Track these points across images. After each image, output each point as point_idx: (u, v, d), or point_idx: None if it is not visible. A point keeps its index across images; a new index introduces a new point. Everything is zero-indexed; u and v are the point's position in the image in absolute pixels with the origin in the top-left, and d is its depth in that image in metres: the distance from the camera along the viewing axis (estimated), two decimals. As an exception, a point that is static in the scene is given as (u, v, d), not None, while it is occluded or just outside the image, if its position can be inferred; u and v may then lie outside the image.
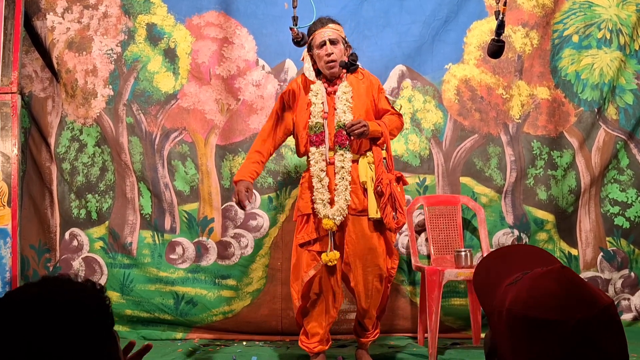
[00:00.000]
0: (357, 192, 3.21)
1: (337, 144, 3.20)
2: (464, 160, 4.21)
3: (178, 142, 4.17)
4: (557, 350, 1.02)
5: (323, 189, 3.17)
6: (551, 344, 1.03)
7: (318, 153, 3.20)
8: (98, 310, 1.09)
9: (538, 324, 1.04)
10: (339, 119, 3.20)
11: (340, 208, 3.13)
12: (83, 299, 1.07)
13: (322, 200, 3.15)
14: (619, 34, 4.27)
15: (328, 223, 3.13)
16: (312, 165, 3.20)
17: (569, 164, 4.27)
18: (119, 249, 4.14)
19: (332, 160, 3.21)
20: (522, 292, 1.07)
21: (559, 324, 1.02)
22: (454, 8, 4.25)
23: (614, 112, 4.30)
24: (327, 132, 3.21)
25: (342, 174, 3.17)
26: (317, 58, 3.28)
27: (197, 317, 4.11)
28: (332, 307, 3.26)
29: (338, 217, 3.14)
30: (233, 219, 4.16)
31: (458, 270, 3.55)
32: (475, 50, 4.25)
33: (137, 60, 4.18)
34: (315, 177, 3.18)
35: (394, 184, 3.18)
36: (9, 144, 3.82)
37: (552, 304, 1.04)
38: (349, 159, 3.20)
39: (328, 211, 3.13)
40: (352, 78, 3.30)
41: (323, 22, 3.26)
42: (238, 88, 4.19)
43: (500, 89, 4.25)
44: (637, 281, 4.29)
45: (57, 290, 1.07)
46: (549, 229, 4.25)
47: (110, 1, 4.18)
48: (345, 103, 3.22)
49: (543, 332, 1.04)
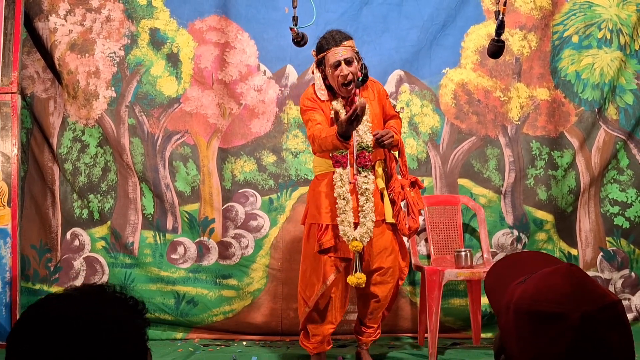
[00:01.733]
0: (376, 202, 3.13)
1: (361, 165, 3.09)
2: (461, 162, 4.15)
3: (180, 144, 4.11)
4: (562, 343, 0.99)
5: (349, 211, 3.05)
6: (556, 338, 0.99)
7: (345, 174, 3.08)
8: (137, 332, 1.00)
9: (544, 317, 1.00)
10: (360, 140, 3.09)
11: (368, 229, 3.03)
12: (126, 320, 0.99)
13: (349, 223, 3.03)
14: (619, 33, 4.19)
15: (358, 245, 3.01)
16: (339, 187, 3.07)
17: (569, 164, 4.18)
18: (120, 248, 4.07)
19: (354, 180, 3.10)
20: (530, 288, 1.05)
21: (564, 317, 0.99)
22: (452, 12, 4.18)
23: (614, 112, 4.21)
24: (348, 153, 3.09)
25: (367, 196, 3.06)
26: (330, 77, 3.11)
27: (197, 317, 4.03)
28: (339, 312, 3.18)
29: (366, 239, 3.04)
30: (234, 220, 4.09)
31: (458, 270, 3.47)
32: (473, 54, 4.19)
33: (140, 64, 4.12)
34: (343, 198, 3.05)
35: (408, 188, 3.11)
36: (9, 144, 3.73)
37: (558, 298, 1.01)
38: (372, 180, 3.09)
39: (355, 233, 3.03)
40: (363, 92, 3.19)
41: (336, 39, 3.07)
42: (240, 93, 4.13)
43: (498, 91, 4.18)
44: (638, 281, 4.18)
45: (99, 308, 0.98)
46: (548, 229, 4.16)
47: (113, 5, 4.11)
48: (365, 124, 3.09)
49: (548, 326, 1.01)
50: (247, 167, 4.10)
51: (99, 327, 0.95)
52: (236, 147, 4.12)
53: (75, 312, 0.96)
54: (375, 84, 3.27)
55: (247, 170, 4.10)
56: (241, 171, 4.09)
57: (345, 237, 3.02)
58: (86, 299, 1.00)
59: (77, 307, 0.97)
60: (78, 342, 0.93)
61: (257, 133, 4.11)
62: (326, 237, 3.10)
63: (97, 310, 0.97)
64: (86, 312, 0.96)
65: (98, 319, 0.96)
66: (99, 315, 0.96)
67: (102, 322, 0.96)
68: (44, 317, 0.96)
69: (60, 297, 1.00)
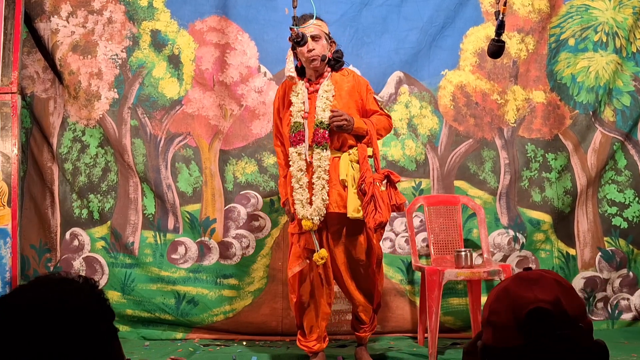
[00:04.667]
0: (337, 190, 2.98)
1: (315, 143, 2.98)
2: (458, 165, 4.05)
3: (182, 146, 4.00)
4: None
5: (301, 189, 2.97)
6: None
7: (296, 153, 3.00)
8: (95, 307, 1.01)
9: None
10: (317, 118, 2.99)
11: (317, 208, 2.93)
12: (79, 299, 0.99)
13: (301, 201, 2.95)
14: (615, 37, 4.08)
15: (307, 224, 2.94)
16: (291, 165, 3.00)
17: (564, 166, 4.07)
18: (120, 248, 3.93)
19: (311, 160, 2.99)
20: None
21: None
22: (451, 14, 4.08)
23: (610, 114, 4.10)
24: (307, 131, 3.00)
25: (318, 173, 2.95)
26: (300, 55, 3.05)
27: (197, 317, 3.89)
28: (325, 303, 3.07)
29: (316, 217, 2.93)
30: (235, 220, 3.97)
31: (458, 270, 3.36)
32: (471, 56, 4.08)
33: (142, 66, 4.00)
34: (294, 176, 2.98)
35: (377, 183, 2.95)
36: (9, 144, 3.61)
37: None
38: (327, 157, 2.97)
39: (306, 212, 2.93)
40: (337, 77, 3.09)
41: (305, 18, 3.01)
42: (241, 94, 4.02)
43: (495, 94, 4.08)
44: (636, 281, 4.06)
45: (51, 292, 0.99)
46: (546, 229, 4.04)
47: (114, 7, 3.99)
48: (325, 101, 3.00)
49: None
50: (249, 168, 4.00)
51: (63, 316, 0.96)
52: (237, 149, 4.02)
53: (30, 300, 0.97)
54: (356, 77, 3.15)
55: (249, 172, 3.99)
56: (243, 173, 3.99)
57: (300, 216, 2.95)
58: (42, 287, 1.00)
59: (32, 296, 0.98)
60: (42, 330, 0.94)
61: (258, 134, 4.02)
62: (293, 224, 3.06)
63: (51, 294, 0.98)
64: (41, 298, 0.97)
65: (53, 301, 0.97)
66: (53, 298, 0.97)
67: (68, 310, 0.96)
68: (8, 307, 0.98)
69: (20, 288, 1.01)
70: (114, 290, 3.87)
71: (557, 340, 1.04)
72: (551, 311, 1.04)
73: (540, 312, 1.04)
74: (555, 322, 1.05)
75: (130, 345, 3.64)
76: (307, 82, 3.09)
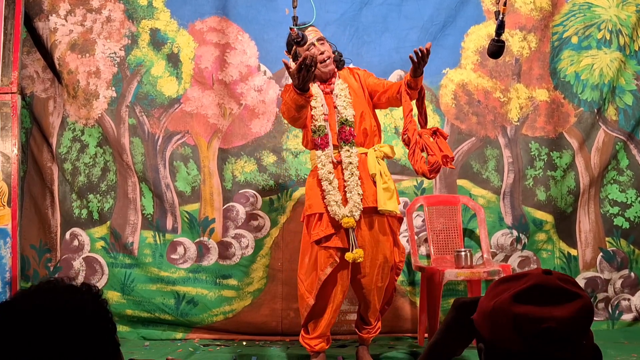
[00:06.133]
0: (368, 186, 2.98)
1: (342, 140, 2.99)
2: (461, 163, 3.98)
3: (180, 145, 3.95)
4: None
5: (334, 190, 2.95)
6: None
7: (324, 156, 2.98)
8: (98, 317, 1.00)
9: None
10: (340, 116, 3.01)
11: (355, 203, 2.92)
12: (82, 307, 0.98)
13: (336, 202, 2.92)
14: (619, 34, 4.01)
15: (349, 221, 2.89)
16: (320, 168, 2.98)
17: (569, 164, 4.01)
18: (120, 248, 3.90)
19: (338, 159, 2.99)
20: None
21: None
22: (452, 13, 4.01)
23: (613, 112, 4.03)
24: (330, 133, 3.01)
25: (350, 170, 2.96)
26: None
27: (197, 317, 3.85)
28: (339, 303, 3.04)
29: (356, 212, 2.91)
30: (234, 220, 3.93)
31: (458, 270, 3.33)
32: (473, 55, 4.02)
33: (141, 65, 3.95)
34: (325, 179, 2.96)
35: (426, 135, 2.91)
36: (9, 144, 3.56)
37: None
38: (355, 153, 2.98)
39: (344, 210, 2.91)
40: (343, 75, 3.12)
41: (301, 28, 2.96)
42: (240, 93, 3.97)
43: (498, 92, 4.01)
44: (638, 281, 4.01)
45: (55, 299, 0.98)
46: (548, 229, 3.99)
47: (113, 6, 3.94)
48: (344, 99, 3.03)
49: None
50: (248, 167, 3.94)
51: (67, 319, 0.95)
52: (236, 148, 3.97)
53: (34, 307, 0.96)
54: (354, 71, 3.17)
55: (248, 170, 3.94)
56: (242, 172, 3.94)
57: (337, 217, 2.91)
58: (46, 294, 0.99)
59: (35, 303, 0.97)
60: (45, 333, 0.93)
61: (258, 133, 3.97)
62: (321, 227, 2.98)
63: (55, 302, 0.97)
64: (45, 306, 0.96)
65: (57, 308, 0.96)
66: (57, 306, 0.96)
67: (61, 312, 0.96)
68: (11, 310, 0.97)
69: (23, 292, 1.00)
70: (113, 291, 3.83)
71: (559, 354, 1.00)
72: (559, 331, 1.00)
73: (549, 332, 0.99)
74: (561, 342, 1.01)
75: (130, 345, 3.62)
76: (321, 84, 3.09)
